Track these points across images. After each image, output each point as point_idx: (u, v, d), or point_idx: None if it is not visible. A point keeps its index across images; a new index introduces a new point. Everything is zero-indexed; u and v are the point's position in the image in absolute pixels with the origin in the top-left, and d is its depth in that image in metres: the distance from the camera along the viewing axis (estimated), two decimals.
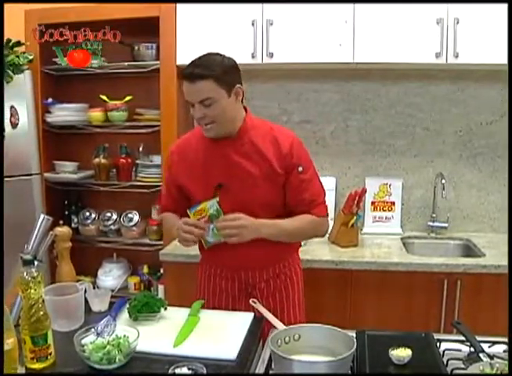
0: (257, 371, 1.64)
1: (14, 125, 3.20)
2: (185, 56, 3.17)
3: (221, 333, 1.84)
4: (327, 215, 2.27)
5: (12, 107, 3.17)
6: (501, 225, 3.48)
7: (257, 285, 2.24)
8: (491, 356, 1.58)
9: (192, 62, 2.01)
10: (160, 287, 3.41)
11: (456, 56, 2.96)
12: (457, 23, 2.93)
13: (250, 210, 2.07)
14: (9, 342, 1.47)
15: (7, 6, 3.28)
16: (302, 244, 3.06)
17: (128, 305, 1.96)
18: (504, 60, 2.92)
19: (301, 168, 2.14)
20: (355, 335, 1.70)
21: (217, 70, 1.97)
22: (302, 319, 2.27)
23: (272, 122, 2.25)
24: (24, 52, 3.21)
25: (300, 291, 2.35)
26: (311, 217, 2.18)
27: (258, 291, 2.24)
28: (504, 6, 2.87)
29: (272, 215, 2.13)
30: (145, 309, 1.92)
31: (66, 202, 3.71)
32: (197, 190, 2.17)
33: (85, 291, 1.98)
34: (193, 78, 1.96)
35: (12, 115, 3.17)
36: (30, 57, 3.24)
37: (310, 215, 2.18)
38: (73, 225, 3.63)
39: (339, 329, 1.64)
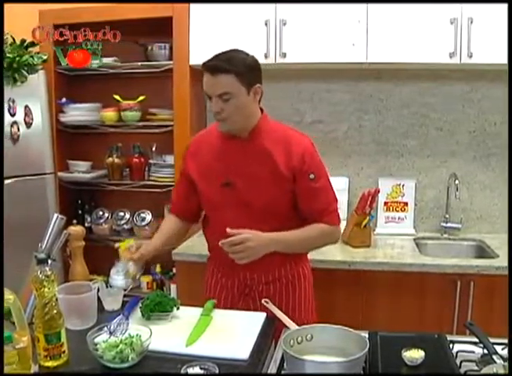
0: (269, 371, 1.64)
1: (28, 125, 3.21)
2: (198, 56, 3.19)
3: (234, 333, 1.84)
4: (339, 223, 2.25)
5: (26, 107, 3.19)
6: None
7: (254, 287, 2.23)
8: (504, 358, 1.57)
9: (216, 55, 2.01)
10: (173, 287, 3.42)
11: (470, 56, 2.94)
12: (471, 22, 2.91)
13: (255, 211, 2.09)
14: (24, 340, 1.48)
15: (21, 6, 3.31)
16: None
17: (140, 305, 1.97)
18: None
19: (312, 176, 2.12)
20: (367, 336, 1.70)
21: (239, 66, 1.98)
22: (309, 321, 2.18)
23: (287, 124, 2.25)
24: (38, 53, 3.23)
25: (306, 293, 2.30)
26: (321, 226, 2.17)
27: (257, 293, 2.23)
28: None
29: (277, 219, 2.13)
30: (157, 309, 1.93)
31: (79, 201, 3.73)
32: (204, 187, 2.19)
33: (98, 289, 1.99)
34: (215, 71, 1.96)
35: (26, 115, 3.19)
36: (45, 57, 3.26)
37: (321, 223, 2.16)
38: (86, 224, 3.64)
39: (351, 329, 1.64)
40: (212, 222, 2.26)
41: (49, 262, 1.68)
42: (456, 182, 3.28)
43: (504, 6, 2.89)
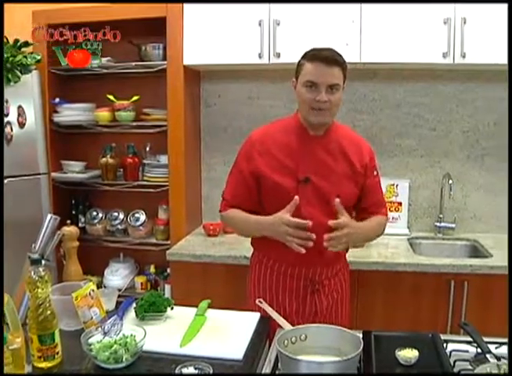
0: (263, 371, 1.64)
1: (22, 125, 3.20)
2: (192, 56, 3.19)
3: (228, 333, 1.84)
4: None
5: (19, 107, 3.18)
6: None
7: (322, 281, 2.24)
8: (498, 357, 1.58)
9: (322, 48, 2.08)
10: (167, 287, 3.41)
11: (464, 56, 2.95)
12: (464, 22, 2.92)
13: (332, 207, 2.05)
14: (17, 341, 1.48)
15: (14, 6, 3.30)
16: None
17: (134, 305, 1.97)
18: None
19: (375, 172, 2.30)
20: (361, 336, 1.70)
21: (345, 62, 2.07)
22: (348, 321, 2.35)
23: None
24: (32, 53, 3.22)
25: (348, 291, 2.41)
26: (380, 218, 2.31)
27: (322, 287, 2.24)
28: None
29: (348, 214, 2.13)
30: (152, 309, 1.93)
31: (73, 202, 3.72)
32: (280, 181, 2.12)
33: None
34: (330, 62, 2.01)
35: (19, 115, 3.18)
36: (38, 57, 3.24)
37: (380, 215, 2.31)
38: (80, 224, 3.63)
39: (346, 329, 1.64)
40: None
41: (43, 262, 1.67)
42: (450, 182, 3.29)
43: (497, 6, 2.90)
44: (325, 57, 2.02)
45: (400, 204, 3.51)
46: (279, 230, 2.00)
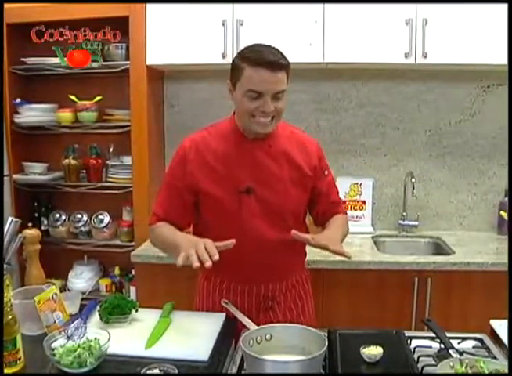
0: (229, 372, 1.63)
1: None
2: (155, 56, 3.17)
3: (194, 334, 1.83)
4: None
5: None
6: (470, 223, 3.53)
7: (276, 298, 2.10)
8: (460, 352, 1.61)
9: (262, 49, 1.85)
10: (132, 289, 3.38)
11: (425, 56, 2.99)
12: (426, 23, 2.96)
13: (280, 216, 1.97)
14: None
15: None
16: None
17: (98, 308, 1.95)
18: (472, 61, 2.99)
19: (326, 172, 2.11)
20: (327, 334, 1.71)
21: (288, 61, 1.84)
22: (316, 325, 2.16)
23: None
24: None
25: (312, 298, 2.27)
26: (341, 217, 2.16)
27: (277, 303, 2.11)
28: (470, 7, 2.95)
29: (298, 221, 2.06)
30: (116, 311, 1.90)
31: (35, 204, 3.66)
32: (220, 195, 1.95)
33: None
34: (275, 67, 1.78)
35: None
36: None
37: (339, 214, 2.16)
38: (43, 227, 3.58)
39: (310, 328, 1.65)
40: (228, 235, 1.79)
41: (4, 266, 1.64)
42: (413, 180, 3.33)
43: (458, 7, 2.95)
44: (269, 62, 1.78)
45: (364, 202, 3.54)
46: (194, 242, 1.72)
